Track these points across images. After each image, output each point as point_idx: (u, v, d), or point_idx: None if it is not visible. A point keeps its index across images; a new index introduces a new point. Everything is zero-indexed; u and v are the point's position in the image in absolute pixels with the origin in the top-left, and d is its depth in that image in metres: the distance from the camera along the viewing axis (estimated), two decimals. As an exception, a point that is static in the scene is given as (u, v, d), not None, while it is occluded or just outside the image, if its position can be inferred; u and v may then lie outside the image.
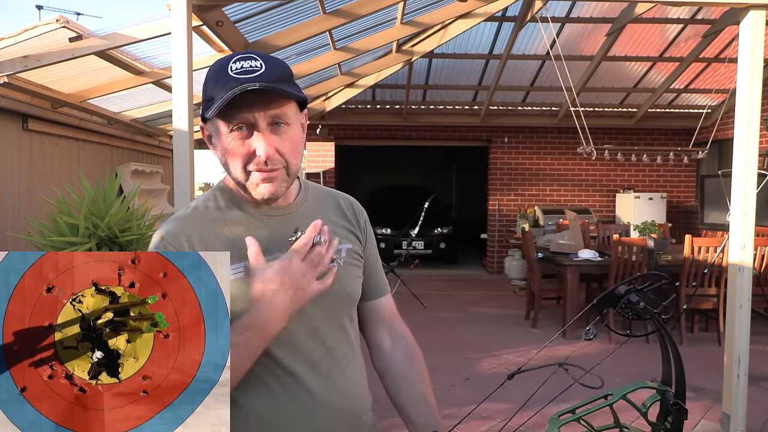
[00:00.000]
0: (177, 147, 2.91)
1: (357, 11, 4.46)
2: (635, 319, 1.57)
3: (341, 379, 1.12)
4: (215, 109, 0.99)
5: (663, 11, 6.22)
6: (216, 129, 1.04)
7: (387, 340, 1.26)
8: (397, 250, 9.10)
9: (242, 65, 1.00)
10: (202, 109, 1.05)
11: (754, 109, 3.24)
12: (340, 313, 1.15)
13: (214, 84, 1.01)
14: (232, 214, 1.09)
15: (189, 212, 1.10)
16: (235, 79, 0.99)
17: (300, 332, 1.07)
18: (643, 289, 1.57)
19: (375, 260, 1.28)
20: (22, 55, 3.72)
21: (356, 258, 1.19)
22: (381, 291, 1.28)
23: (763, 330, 5.53)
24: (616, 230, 6.55)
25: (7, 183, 4.24)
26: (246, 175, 1.04)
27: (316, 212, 1.17)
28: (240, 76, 0.99)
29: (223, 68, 1.02)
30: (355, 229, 1.22)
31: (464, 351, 5.05)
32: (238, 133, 1.02)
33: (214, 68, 1.04)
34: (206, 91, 1.04)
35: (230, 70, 1.00)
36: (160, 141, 7.33)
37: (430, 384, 1.23)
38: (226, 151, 1.04)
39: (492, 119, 8.95)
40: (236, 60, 1.02)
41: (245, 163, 1.03)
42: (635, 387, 1.66)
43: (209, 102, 1.02)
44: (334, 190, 1.27)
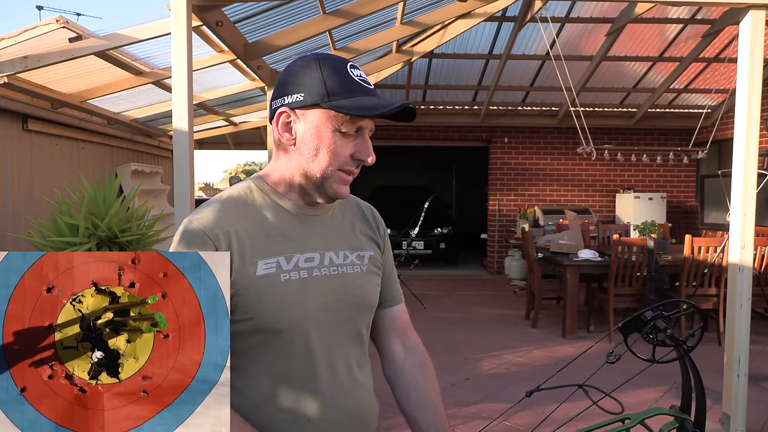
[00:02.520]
0: (177, 147, 2.91)
1: (357, 11, 4.46)
2: (660, 345, 1.56)
3: (354, 384, 1.12)
4: (358, 109, 1.01)
5: (663, 11, 6.22)
6: (324, 121, 1.04)
7: (399, 349, 1.26)
8: (397, 250, 9.10)
9: (359, 74, 1.07)
10: (312, 95, 1.03)
11: (754, 109, 3.24)
12: (359, 320, 1.15)
13: (339, 81, 1.03)
14: (269, 208, 1.09)
15: (223, 202, 1.08)
16: (364, 87, 1.05)
17: (321, 334, 1.07)
18: (671, 315, 1.55)
19: (392, 268, 1.28)
20: (22, 56, 3.72)
21: (377, 266, 1.20)
22: (396, 299, 1.28)
23: (763, 330, 5.53)
24: (616, 230, 6.55)
25: (7, 183, 4.24)
26: (335, 172, 1.06)
27: (343, 217, 1.19)
28: (365, 84, 1.06)
29: (343, 68, 1.05)
30: (376, 237, 1.23)
31: (464, 351, 5.05)
32: (349, 135, 1.05)
33: (332, 64, 1.05)
34: (325, 82, 1.03)
35: (353, 74, 1.05)
36: (160, 141, 7.34)
37: (439, 393, 1.23)
38: (330, 146, 1.04)
39: (492, 119, 8.95)
40: (351, 66, 1.06)
41: (344, 162, 1.05)
42: (654, 413, 1.64)
43: (332, 96, 1.02)
44: (354, 196, 1.27)
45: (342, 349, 1.11)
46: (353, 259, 1.14)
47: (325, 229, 1.13)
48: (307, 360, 1.06)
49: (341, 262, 1.12)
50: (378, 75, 7.12)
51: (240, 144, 9.86)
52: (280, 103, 1.06)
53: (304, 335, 1.05)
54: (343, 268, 1.12)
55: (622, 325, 1.56)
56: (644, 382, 4.15)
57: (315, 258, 1.09)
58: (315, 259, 1.08)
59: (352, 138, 1.05)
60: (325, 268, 1.09)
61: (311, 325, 1.05)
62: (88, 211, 2.92)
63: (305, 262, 1.07)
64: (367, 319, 1.18)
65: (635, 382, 4.08)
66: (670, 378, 4.15)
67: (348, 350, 1.12)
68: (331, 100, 1.02)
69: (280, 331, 1.03)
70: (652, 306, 1.56)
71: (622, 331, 1.57)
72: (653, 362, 1.60)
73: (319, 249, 1.10)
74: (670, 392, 4.08)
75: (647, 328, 1.54)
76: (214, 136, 8.41)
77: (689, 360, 1.54)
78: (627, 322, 1.57)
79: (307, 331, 1.05)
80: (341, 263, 1.12)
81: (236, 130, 8.09)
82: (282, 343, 1.04)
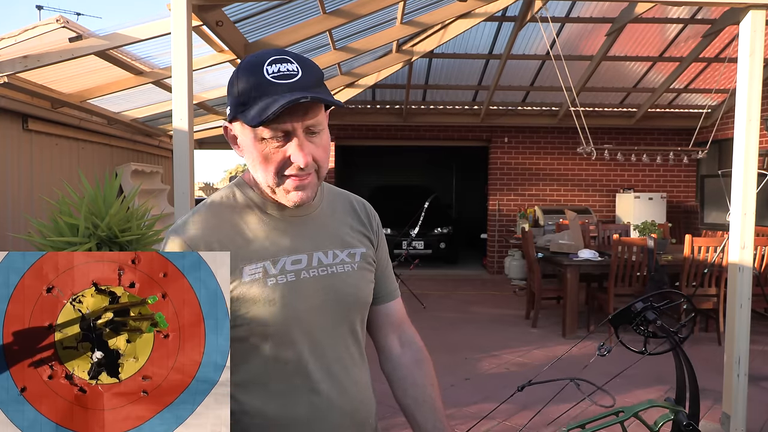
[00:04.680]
0: (177, 147, 2.91)
1: (357, 11, 4.46)
2: (651, 336, 1.55)
3: (350, 383, 1.12)
4: (256, 117, 0.95)
5: (663, 11, 6.22)
6: (247, 133, 1.01)
7: (396, 344, 1.26)
8: (397, 250, 9.10)
9: (279, 68, 0.97)
10: (233, 108, 1.01)
11: (754, 109, 3.24)
12: (353, 317, 1.14)
13: (250, 86, 0.97)
14: (252, 212, 1.08)
15: (206, 210, 1.07)
16: (276, 84, 0.96)
17: (313, 336, 1.07)
18: (661, 307, 1.54)
19: (386, 264, 1.27)
20: (22, 55, 3.72)
21: (370, 262, 1.19)
22: (392, 295, 1.27)
23: (763, 330, 5.53)
24: (616, 230, 6.54)
25: (7, 183, 4.24)
26: (279, 180, 1.02)
27: (332, 214, 1.17)
28: (279, 81, 0.96)
29: (258, 69, 0.97)
30: (369, 233, 1.21)
31: (464, 351, 5.05)
32: (275, 141, 0.99)
33: (247, 67, 0.99)
34: (238, 92, 0.99)
35: (266, 73, 0.97)
36: (160, 141, 7.33)
37: (438, 389, 1.22)
38: (259, 157, 1.01)
39: (492, 119, 8.95)
40: (271, 62, 0.97)
41: (279, 169, 1.01)
42: (648, 406, 1.64)
43: (244, 106, 0.98)
44: (346, 192, 1.26)
45: (337, 350, 1.10)
46: (343, 257, 1.13)
47: (312, 229, 1.12)
48: (299, 363, 1.05)
49: (330, 261, 1.11)
50: (378, 75, 7.12)
51: (240, 144, 9.86)
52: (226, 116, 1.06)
53: (295, 338, 1.04)
54: (333, 268, 1.10)
55: (612, 317, 1.56)
56: (645, 382, 4.16)
57: (302, 260, 1.07)
58: (302, 260, 1.07)
59: (281, 142, 0.99)
60: (313, 269, 1.08)
61: (302, 328, 1.05)
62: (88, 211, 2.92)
63: (292, 264, 1.06)
64: (362, 317, 1.17)
65: (635, 382, 4.08)
66: (670, 379, 4.14)
67: (343, 350, 1.12)
68: (243, 110, 0.98)
69: (270, 336, 1.02)
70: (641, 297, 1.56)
71: (612, 323, 1.56)
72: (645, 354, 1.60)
73: (307, 250, 1.09)
74: (671, 392, 4.07)
75: (637, 319, 1.54)
76: (214, 136, 8.41)
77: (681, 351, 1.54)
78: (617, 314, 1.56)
79: (298, 335, 1.04)
80: (330, 263, 1.10)
81: (236, 130, 8.09)
82: (273, 347, 1.03)
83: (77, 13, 10.27)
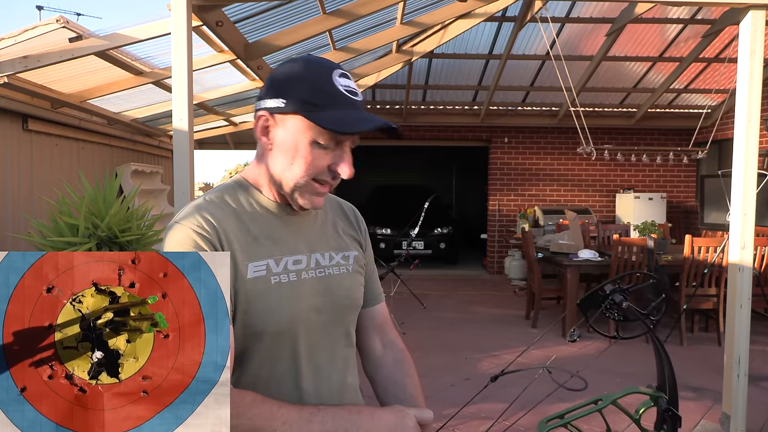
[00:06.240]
0: (177, 147, 2.91)
1: (357, 11, 4.46)
2: (623, 320, 1.54)
3: (342, 386, 1.13)
4: (338, 124, 0.98)
5: (663, 11, 6.22)
6: (302, 131, 1.01)
7: (378, 345, 1.28)
8: (397, 250, 9.10)
9: (348, 84, 1.02)
10: (295, 104, 1.00)
11: (754, 109, 3.24)
12: (347, 321, 1.15)
13: (324, 91, 0.99)
14: (254, 210, 1.08)
15: (208, 204, 1.05)
16: (352, 100, 1.01)
17: (309, 336, 1.07)
18: (629, 288, 1.53)
19: (373, 267, 1.29)
20: (22, 55, 3.72)
21: (361, 266, 1.20)
22: (378, 298, 1.29)
23: (763, 330, 5.53)
24: (616, 230, 6.55)
25: (7, 183, 4.24)
26: (309, 182, 1.03)
27: (326, 217, 1.19)
28: (352, 97, 1.01)
29: (328, 77, 1.00)
30: (359, 236, 1.23)
31: (464, 351, 5.05)
32: (326, 148, 1.01)
33: (315, 71, 1.01)
34: (308, 91, 1.00)
35: (339, 84, 1.00)
36: (160, 141, 7.34)
37: (420, 388, 1.23)
38: (305, 156, 1.02)
39: (492, 119, 8.95)
40: (341, 75, 1.02)
41: (317, 174, 1.03)
42: (626, 392, 1.63)
43: (315, 107, 0.99)
44: (335, 196, 1.27)
45: (330, 351, 1.11)
46: (339, 259, 1.14)
47: (309, 231, 1.13)
48: (294, 362, 1.06)
49: (327, 263, 1.12)
50: (378, 75, 7.12)
51: (240, 144, 9.86)
52: (261, 105, 1.04)
53: (292, 338, 1.05)
54: (329, 270, 1.11)
55: (581, 301, 1.54)
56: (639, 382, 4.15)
57: (302, 260, 1.08)
58: (302, 261, 1.08)
59: (330, 150, 1.02)
60: (312, 270, 1.09)
61: (300, 328, 1.05)
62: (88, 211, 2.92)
63: (293, 264, 1.06)
64: (354, 319, 1.19)
65: (636, 382, 4.07)
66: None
67: (337, 351, 1.12)
68: (311, 110, 0.99)
69: (269, 334, 1.02)
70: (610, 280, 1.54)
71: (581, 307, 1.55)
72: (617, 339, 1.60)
73: (306, 251, 1.10)
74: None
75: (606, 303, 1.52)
76: (214, 136, 8.42)
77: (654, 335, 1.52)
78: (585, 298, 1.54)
79: (296, 334, 1.05)
80: (327, 264, 1.12)
81: (236, 130, 8.10)
82: (270, 345, 1.03)
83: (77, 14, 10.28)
